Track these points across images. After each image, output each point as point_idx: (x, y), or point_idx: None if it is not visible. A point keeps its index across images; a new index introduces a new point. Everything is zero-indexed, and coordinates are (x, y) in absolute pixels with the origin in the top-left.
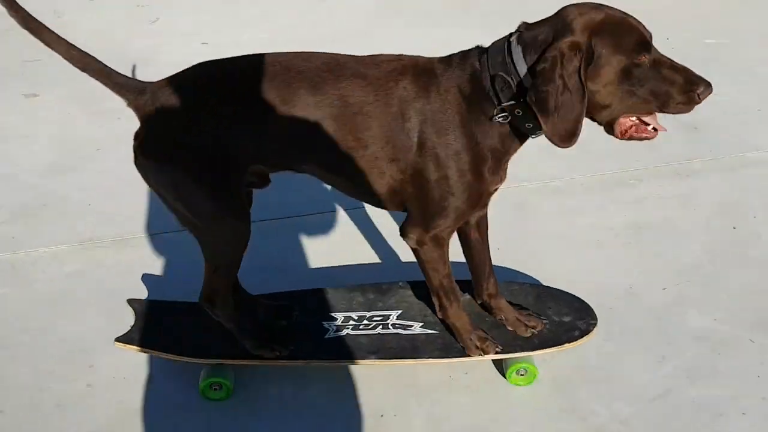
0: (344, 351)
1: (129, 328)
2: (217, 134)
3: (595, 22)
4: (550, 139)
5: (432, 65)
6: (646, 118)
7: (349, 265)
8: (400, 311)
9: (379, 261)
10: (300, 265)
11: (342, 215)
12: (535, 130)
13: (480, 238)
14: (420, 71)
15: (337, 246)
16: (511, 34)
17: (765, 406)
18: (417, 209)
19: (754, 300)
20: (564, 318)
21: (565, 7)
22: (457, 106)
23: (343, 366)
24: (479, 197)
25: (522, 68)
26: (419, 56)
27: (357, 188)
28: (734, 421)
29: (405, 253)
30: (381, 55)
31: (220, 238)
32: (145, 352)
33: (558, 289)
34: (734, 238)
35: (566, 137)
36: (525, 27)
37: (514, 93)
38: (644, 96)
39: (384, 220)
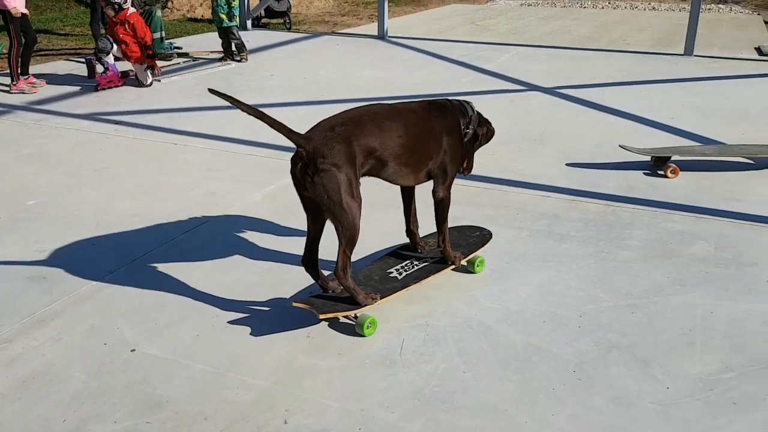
0: (413, 279)
1: (315, 311)
2: (350, 152)
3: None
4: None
5: (442, 103)
6: None
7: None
8: (415, 258)
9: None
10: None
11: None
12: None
13: (411, 195)
14: (438, 106)
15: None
16: (465, 103)
17: None
18: (439, 175)
19: None
20: (476, 233)
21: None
22: (457, 122)
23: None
24: (463, 160)
25: (474, 123)
26: (429, 99)
27: (412, 174)
28: None
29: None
30: (411, 101)
31: (355, 214)
32: (333, 315)
33: (464, 225)
34: None
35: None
36: (470, 105)
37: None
38: None
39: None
